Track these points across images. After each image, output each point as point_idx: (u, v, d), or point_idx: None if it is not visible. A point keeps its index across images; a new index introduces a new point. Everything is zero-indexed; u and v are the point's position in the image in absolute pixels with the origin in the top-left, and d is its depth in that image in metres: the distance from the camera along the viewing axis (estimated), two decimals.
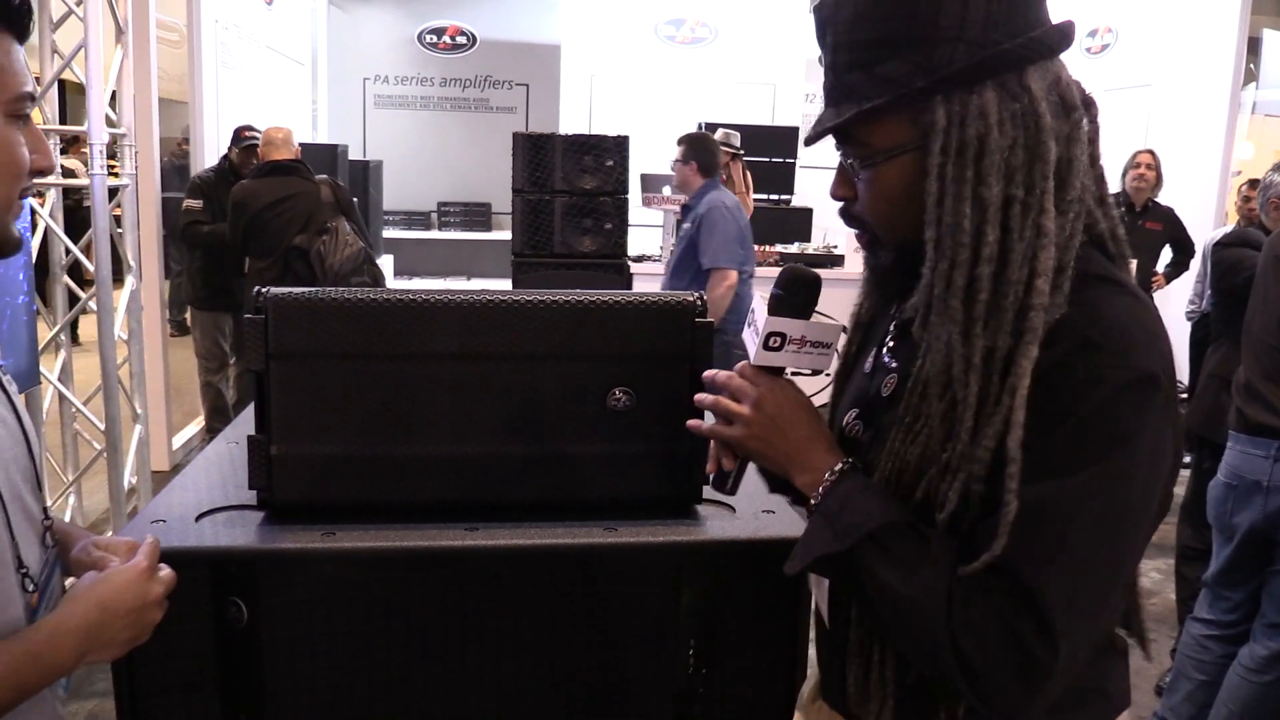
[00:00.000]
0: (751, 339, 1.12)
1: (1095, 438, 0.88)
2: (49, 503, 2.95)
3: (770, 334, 1.08)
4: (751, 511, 1.40)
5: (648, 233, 6.71)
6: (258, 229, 4.36)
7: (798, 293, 1.09)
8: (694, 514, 1.39)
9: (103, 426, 2.92)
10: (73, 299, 3.12)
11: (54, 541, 1.18)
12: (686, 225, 4.28)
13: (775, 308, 1.09)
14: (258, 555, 1.24)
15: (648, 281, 5.38)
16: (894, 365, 1.10)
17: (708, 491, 1.40)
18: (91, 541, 1.18)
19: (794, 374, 1.11)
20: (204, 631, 1.24)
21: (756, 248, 5.83)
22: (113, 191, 3.32)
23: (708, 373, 1.13)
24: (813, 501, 1.02)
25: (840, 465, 1.02)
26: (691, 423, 1.15)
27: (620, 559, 1.30)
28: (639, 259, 5.76)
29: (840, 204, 1.06)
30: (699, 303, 1.36)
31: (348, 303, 1.29)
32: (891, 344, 1.13)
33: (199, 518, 1.32)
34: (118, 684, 1.23)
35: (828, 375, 1.24)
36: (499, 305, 1.31)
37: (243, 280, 4.70)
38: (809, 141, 1.04)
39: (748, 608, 1.34)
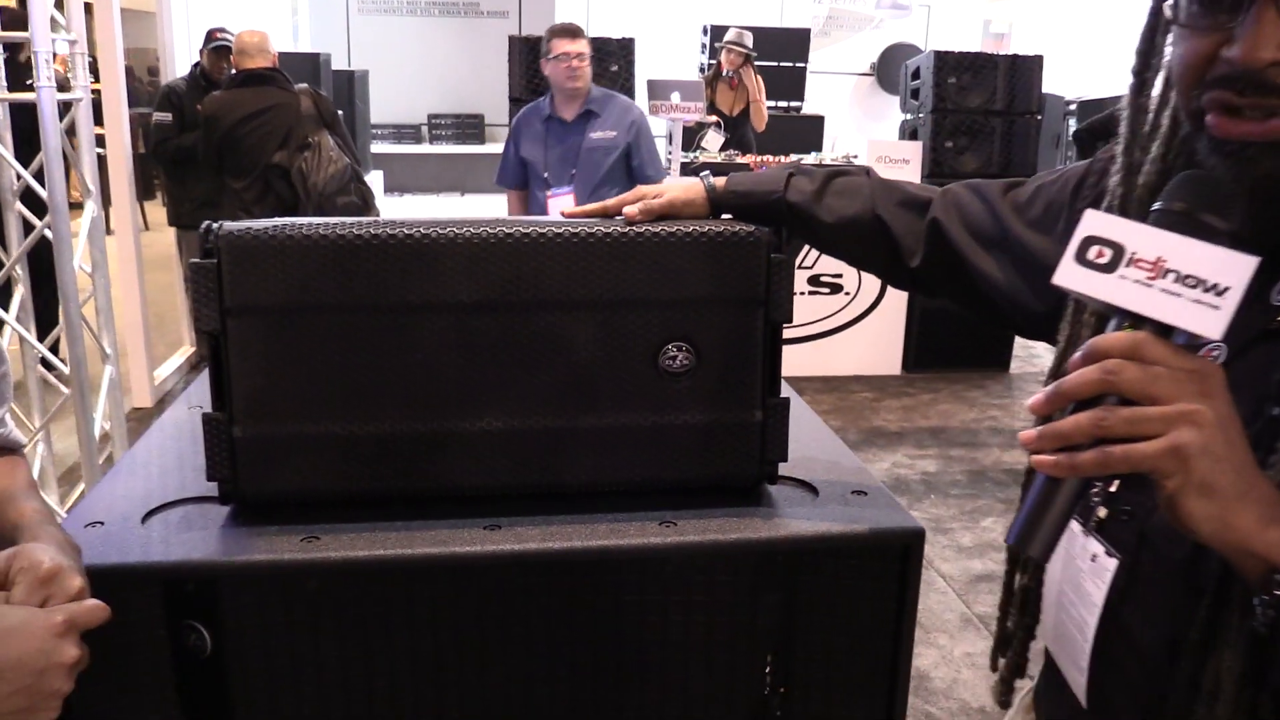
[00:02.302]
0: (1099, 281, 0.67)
1: None
2: None
3: (1089, 239, 0.67)
4: (838, 493, 1.13)
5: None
6: (232, 146, 4.00)
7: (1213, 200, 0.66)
8: (768, 499, 1.11)
9: (67, 369, 2.64)
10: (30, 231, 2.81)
11: None
12: (612, 133, 3.74)
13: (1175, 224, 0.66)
14: (220, 570, 0.96)
15: None
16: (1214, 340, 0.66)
17: (783, 467, 1.12)
18: (14, 552, 0.90)
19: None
20: (159, 664, 0.98)
21: (770, 159, 5.48)
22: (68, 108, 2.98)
23: (1095, 340, 0.65)
24: None
25: None
26: (1040, 458, 0.65)
27: (680, 560, 1.03)
28: None
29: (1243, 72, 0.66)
30: (775, 235, 1.06)
31: (325, 240, 0.99)
32: None
33: (147, 517, 1.04)
34: None
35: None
36: (521, 240, 1.01)
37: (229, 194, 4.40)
38: None
39: (837, 614, 1.07)
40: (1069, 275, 0.68)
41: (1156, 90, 0.78)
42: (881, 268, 1.11)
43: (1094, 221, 0.67)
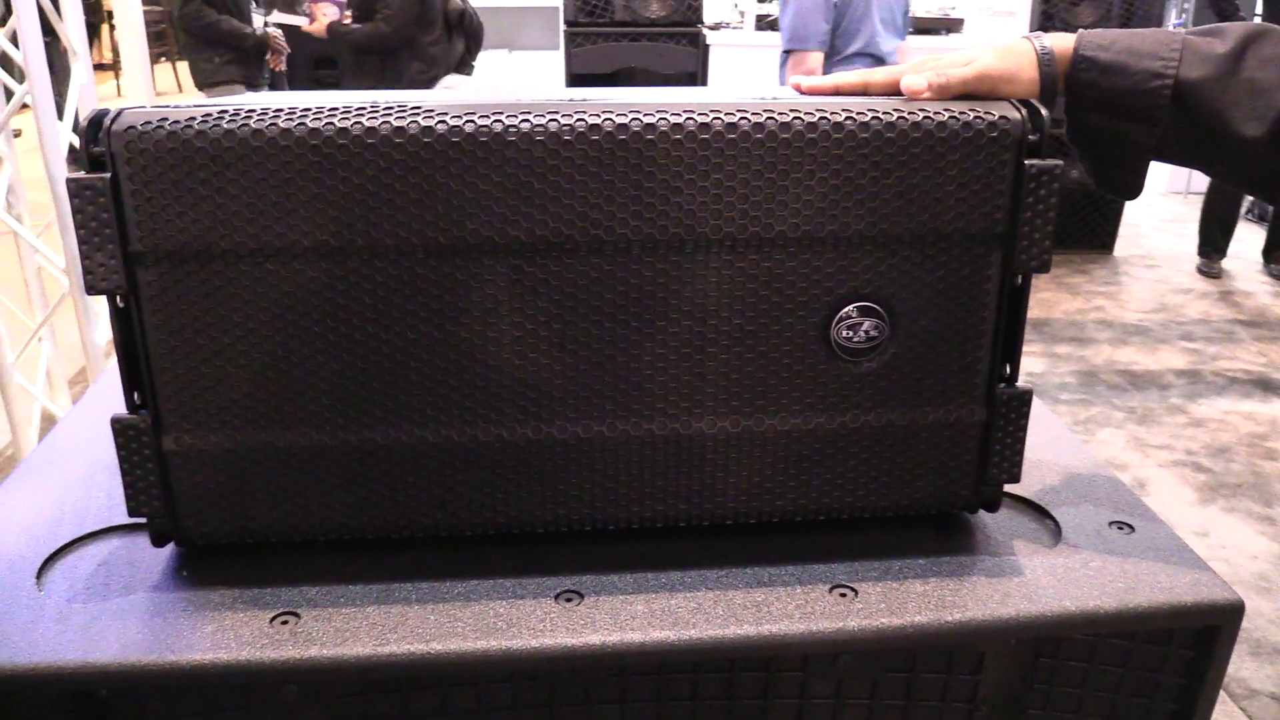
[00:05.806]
0: None
1: None
2: (11, 357, 2.38)
3: None
4: (1090, 527, 0.74)
5: None
6: None
7: None
8: (987, 540, 0.73)
9: (62, 263, 2.31)
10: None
11: None
12: None
13: None
14: (145, 676, 0.61)
15: (730, 55, 4.48)
16: None
17: (1012, 486, 0.73)
18: None
19: None
20: None
21: None
22: None
23: None
24: None
25: None
26: None
27: (864, 650, 0.66)
28: (716, 27, 4.81)
29: None
30: (1033, 124, 0.64)
31: (291, 137, 0.59)
32: None
33: (43, 568, 0.69)
34: None
35: None
36: (611, 137, 0.60)
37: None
38: None
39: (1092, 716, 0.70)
40: None
41: None
42: None
43: None
